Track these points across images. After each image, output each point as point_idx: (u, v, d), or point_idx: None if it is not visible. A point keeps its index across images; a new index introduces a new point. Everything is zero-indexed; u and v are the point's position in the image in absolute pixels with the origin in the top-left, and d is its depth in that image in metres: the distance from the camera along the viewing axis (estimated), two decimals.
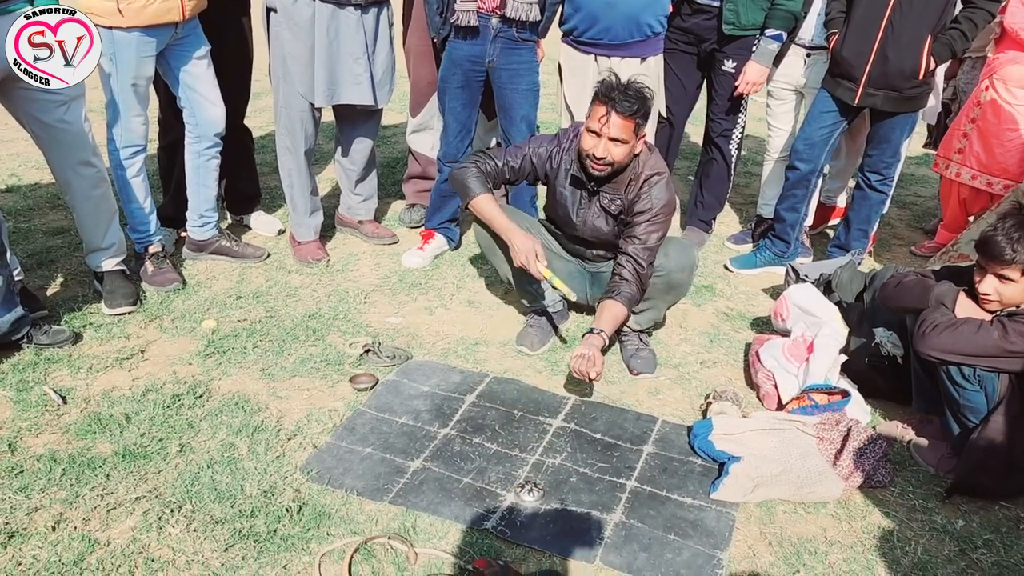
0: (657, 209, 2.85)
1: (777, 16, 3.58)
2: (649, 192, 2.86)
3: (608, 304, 2.85)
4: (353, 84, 3.46)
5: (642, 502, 2.35)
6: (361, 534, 2.16)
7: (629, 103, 2.66)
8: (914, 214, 4.94)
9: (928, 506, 2.41)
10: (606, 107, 2.68)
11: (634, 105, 2.67)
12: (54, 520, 2.14)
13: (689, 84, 3.93)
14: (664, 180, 2.88)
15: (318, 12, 3.28)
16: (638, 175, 2.88)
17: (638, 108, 2.68)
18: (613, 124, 2.69)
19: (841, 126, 3.65)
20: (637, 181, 2.88)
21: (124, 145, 3.27)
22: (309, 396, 2.77)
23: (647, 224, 2.85)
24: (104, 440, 2.46)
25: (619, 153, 2.76)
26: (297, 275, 3.63)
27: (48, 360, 2.83)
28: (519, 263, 2.88)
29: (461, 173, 2.96)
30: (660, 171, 2.89)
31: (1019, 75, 3.72)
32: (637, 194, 2.87)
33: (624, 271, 2.86)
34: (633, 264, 2.85)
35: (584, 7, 3.42)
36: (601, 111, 2.70)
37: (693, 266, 3.02)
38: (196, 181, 3.52)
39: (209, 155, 3.47)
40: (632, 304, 2.87)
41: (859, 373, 2.89)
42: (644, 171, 2.88)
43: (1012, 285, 2.36)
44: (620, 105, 2.66)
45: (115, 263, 3.22)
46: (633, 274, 2.84)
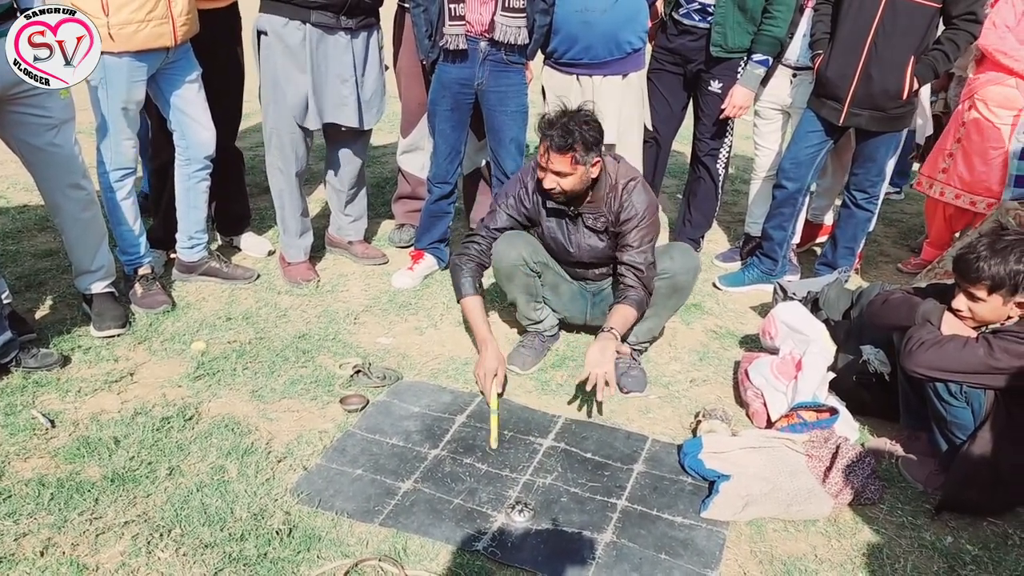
0: (642, 213, 2.92)
1: (763, 41, 3.63)
2: (630, 199, 2.92)
3: (619, 307, 2.92)
4: (340, 105, 3.49)
5: (633, 521, 2.36)
6: (352, 556, 2.15)
7: (561, 138, 2.73)
8: (900, 231, 4.99)
9: (917, 523, 2.42)
10: (545, 144, 2.78)
11: (565, 139, 2.73)
12: (42, 545, 2.12)
13: (676, 104, 3.97)
14: (639, 183, 2.96)
15: (308, 35, 3.31)
16: (614, 186, 2.95)
17: (569, 142, 2.73)
18: (552, 159, 2.78)
19: (827, 145, 3.69)
20: (616, 192, 2.94)
21: (114, 168, 3.27)
22: (299, 418, 2.76)
23: (636, 230, 2.93)
24: (93, 464, 2.45)
25: (568, 183, 2.83)
26: (287, 296, 3.63)
27: (36, 383, 2.81)
28: (478, 377, 2.92)
29: (457, 271, 3.07)
30: (633, 176, 2.97)
31: (1000, 95, 3.77)
32: (619, 204, 2.94)
33: (627, 279, 2.94)
34: (633, 271, 2.93)
35: (562, 29, 3.47)
36: (542, 147, 2.80)
37: (697, 268, 3.11)
38: (186, 203, 3.52)
39: (199, 177, 3.47)
40: (642, 307, 2.95)
41: (847, 390, 2.91)
42: (618, 181, 2.95)
43: (981, 304, 2.40)
44: (552, 141, 2.75)
45: (104, 286, 3.22)
46: (636, 280, 2.92)
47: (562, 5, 3.42)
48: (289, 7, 3.27)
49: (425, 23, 3.38)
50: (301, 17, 3.29)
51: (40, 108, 2.80)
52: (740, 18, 3.59)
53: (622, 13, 3.43)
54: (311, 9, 3.27)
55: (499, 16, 3.29)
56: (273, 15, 3.31)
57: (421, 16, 3.38)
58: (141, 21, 3.02)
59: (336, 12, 3.30)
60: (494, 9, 3.29)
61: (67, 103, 2.90)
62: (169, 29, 3.09)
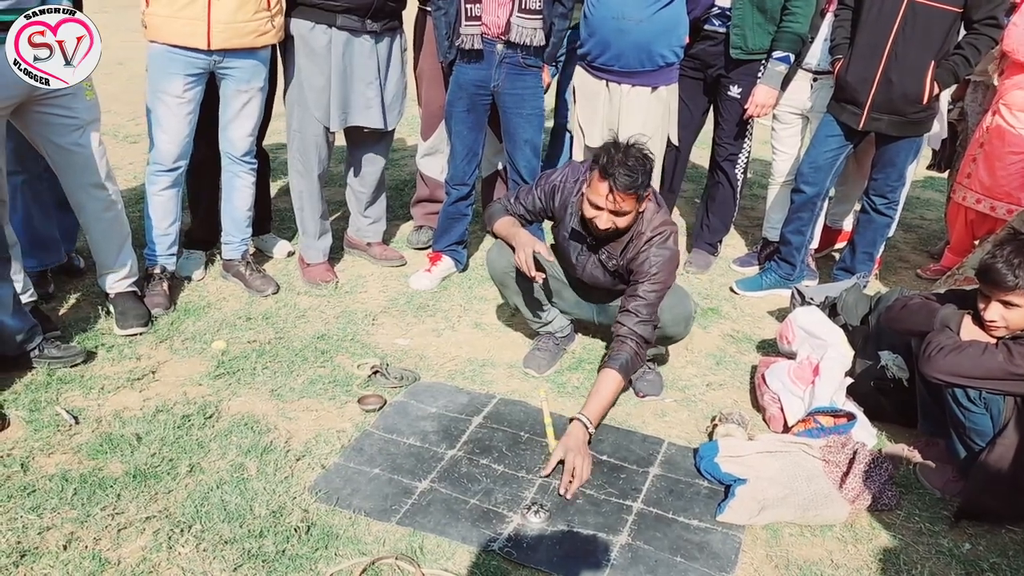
0: (656, 269, 2.73)
1: (784, 39, 3.62)
2: (648, 252, 2.75)
3: (602, 378, 2.69)
4: (364, 108, 3.53)
5: (648, 524, 2.36)
6: (368, 555, 2.17)
7: (630, 177, 2.56)
8: (920, 237, 4.96)
9: (934, 529, 2.41)
10: (607, 183, 2.57)
11: (636, 179, 2.57)
12: (65, 539, 2.16)
13: (696, 109, 3.97)
14: (665, 237, 2.77)
15: (334, 39, 3.35)
16: (640, 234, 2.78)
17: (640, 182, 2.59)
18: (616, 200, 2.60)
19: (846, 150, 3.68)
20: (638, 241, 2.78)
21: (152, 161, 3.36)
22: (318, 417, 2.79)
23: (649, 284, 2.74)
24: (115, 460, 2.48)
25: (623, 221, 2.69)
26: (306, 297, 3.66)
27: (60, 380, 2.86)
28: (519, 262, 2.80)
29: (490, 207, 3.10)
30: (661, 231, 2.77)
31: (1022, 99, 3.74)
32: (636, 254, 2.78)
33: (623, 328, 2.73)
34: (633, 320, 2.72)
35: (597, 32, 3.45)
36: (603, 188, 2.59)
37: (688, 318, 2.93)
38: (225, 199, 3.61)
39: (231, 173, 3.53)
40: (630, 371, 2.73)
41: (865, 396, 2.90)
42: (646, 231, 2.78)
43: (1017, 310, 2.37)
44: (620, 181, 2.55)
45: (127, 284, 3.26)
46: (632, 332, 2.71)
47: (599, 9, 3.39)
48: (315, 11, 3.31)
49: (445, 24, 3.41)
50: (327, 21, 3.32)
51: (66, 108, 2.84)
52: (760, 19, 3.59)
53: (658, 25, 3.37)
54: (337, 13, 3.30)
55: (515, 17, 3.32)
56: (299, 19, 3.35)
57: (441, 18, 3.41)
58: (169, 16, 3.07)
59: (362, 16, 3.34)
60: (511, 10, 3.32)
61: (92, 104, 2.95)
62: (203, 30, 3.10)
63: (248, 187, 3.59)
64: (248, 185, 3.58)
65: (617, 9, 3.36)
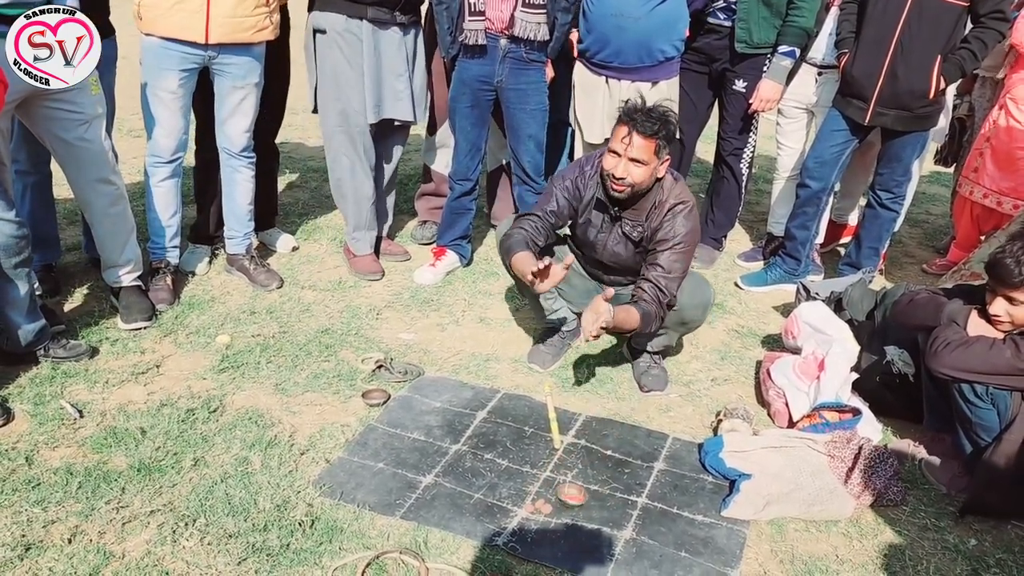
0: (680, 238, 2.78)
1: (789, 33, 3.61)
2: (673, 220, 2.80)
3: (625, 305, 2.73)
4: (396, 100, 3.56)
5: (653, 519, 2.36)
6: (373, 549, 2.17)
7: (651, 123, 2.66)
8: (926, 232, 4.94)
9: (940, 525, 2.41)
10: (628, 127, 2.68)
11: (655, 125, 2.66)
12: (70, 533, 2.16)
13: (700, 104, 3.96)
14: (688, 208, 2.83)
15: (365, 32, 3.37)
16: (662, 203, 2.83)
17: (659, 129, 2.67)
18: (634, 144, 2.68)
19: (852, 145, 3.66)
20: (660, 209, 2.83)
21: (149, 153, 3.35)
22: (322, 411, 2.79)
23: (670, 252, 2.78)
24: (120, 454, 2.49)
25: (639, 174, 2.73)
26: (310, 291, 3.66)
27: (65, 374, 2.86)
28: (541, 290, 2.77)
29: (507, 239, 2.91)
30: (685, 200, 2.84)
31: None
32: (660, 222, 2.82)
33: (645, 294, 2.76)
34: (655, 290, 2.76)
35: (596, 28, 3.45)
36: (623, 131, 2.70)
37: (707, 304, 2.96)
38: (225, 195, 3.60)
39: (231, 169, 3.52)
40: (647, 322, 2.75)
41: (870, 391, 2.89)
42: (668, 199, 2.83)
43: (1022, 307, 2.36)
44: (641, 125, 2.65)
45: (132, 279, 3.26)
46: (654, 299, 2.76)
47: (597, 7, 3.40)
48: (346, 4, 3.32)
49: (447, 20, 3.40)
50: (359, 14, 3.34)
51: (71, 104, 2.84)
52: (765, 12, 3.58)
53: (658, 21, 3.38)
54: (367, 5, 3.31)
55: (519, 12, 3.31)
56: (330, 12, 3.36)
57: (443, 13, 3.40)
58: (168, 8, 3.05)
59: (391, 8, 3.36)
60: (514, 5, 3.31)
61: (98, 99, 2.95)
62: (201, 24, 3.09)
63: (248, 181, 3.58)
64: (247, 180, 3.57)
65: (616, 7, 3.36)
